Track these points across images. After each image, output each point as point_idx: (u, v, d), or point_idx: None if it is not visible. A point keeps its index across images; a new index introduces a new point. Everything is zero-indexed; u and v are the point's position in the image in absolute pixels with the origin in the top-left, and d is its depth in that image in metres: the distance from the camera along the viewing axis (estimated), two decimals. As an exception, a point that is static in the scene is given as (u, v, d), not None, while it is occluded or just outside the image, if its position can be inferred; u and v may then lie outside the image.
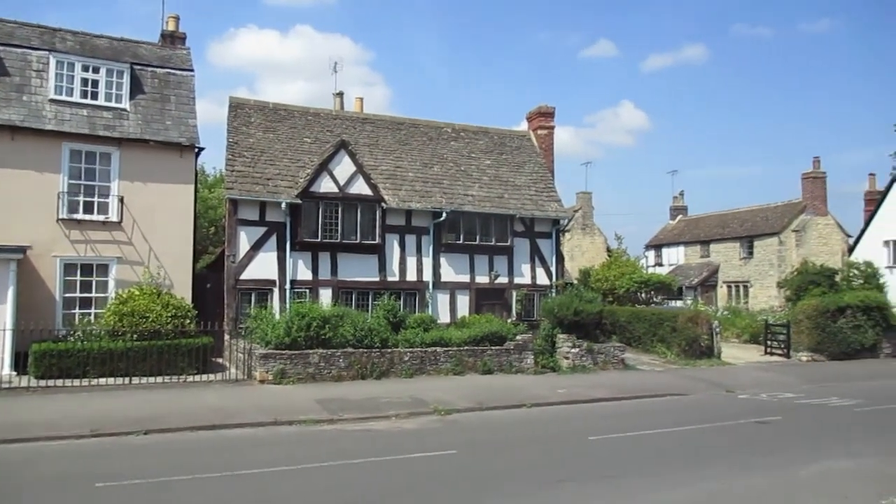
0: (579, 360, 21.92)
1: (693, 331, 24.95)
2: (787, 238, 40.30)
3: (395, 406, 15.15)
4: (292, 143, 24.06)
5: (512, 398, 16.66)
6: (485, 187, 25.92)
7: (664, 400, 17.71)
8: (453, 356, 19.89)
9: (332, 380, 18.16)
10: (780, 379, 21.33)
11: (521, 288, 25.57)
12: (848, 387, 19.89)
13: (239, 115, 24.21)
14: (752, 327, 32.00)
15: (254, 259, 21.67)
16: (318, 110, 26.63)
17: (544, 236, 26.35)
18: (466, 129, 28.89)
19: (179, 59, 22.87)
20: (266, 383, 17.45)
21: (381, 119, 27.64)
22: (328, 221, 22.42)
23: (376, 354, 18.94)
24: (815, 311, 26.61)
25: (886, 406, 16.65)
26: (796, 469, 10.57)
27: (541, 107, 29.47)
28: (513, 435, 13.24)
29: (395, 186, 24.10)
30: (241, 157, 22.60)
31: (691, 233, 48.86)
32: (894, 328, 28.24)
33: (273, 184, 22.17)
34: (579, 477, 10.04)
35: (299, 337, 18.20)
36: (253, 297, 21.62)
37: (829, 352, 26.41)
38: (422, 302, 23.94)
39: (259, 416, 13.86)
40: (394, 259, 23.64)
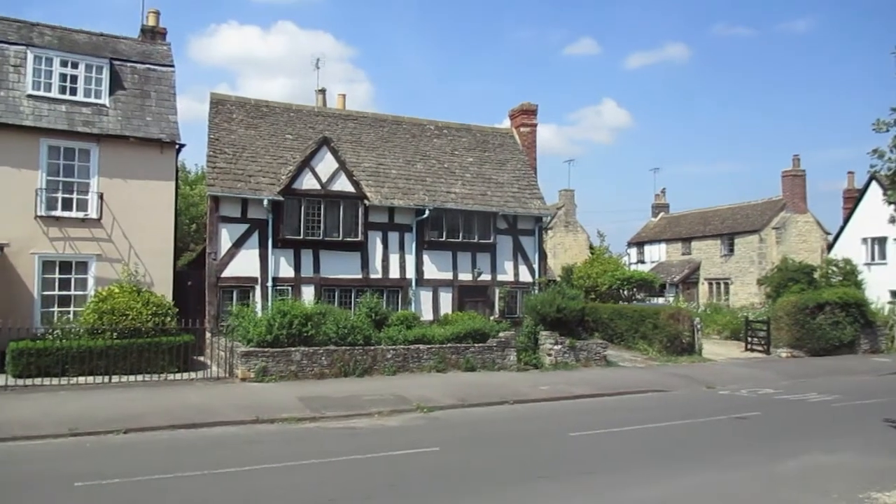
0: (562, 357, 22.00)
1: (674, 328, 25.11)
2: (768, 235, 40.66)
3: (377, 403, 15.13)
4: (274, 140, 23.93)
5: (494, 395, 16.70)
6: (467, 185, 25.93)
7: (645, 396, 17.81)
8: (436, 353, 19.89)
9: (315, 377, 18.10)
10: (760, 375, 21.53)
11: (503, 285, 25.62)
12: (827, 382, 20.11)
13: (220, 111, 24.04)
14: (733, 324, 32.26)
15: (235, 256, 21.56)
16: (300, 107, 26.50)
17: (527, 233, 26.41)
18: (449, 126, 28.88)
19: (160, 55, 22.67)
20: (248, 381, 17.36)
21: (363, 116, 27.57)
22: (310, 218, 22.34)
23: (359, 352, 18.90)
24: (794, 308, 26.87)
25: (864, 401, 16.85)
26: (775, 464, 10.68)
27: (523, 104, 29.49)
28: (495, 432, 13.26)
29: (378, 183, 24.05)
30: (222, 153, 22.45)
31: (673, 230, 49.17)
32: (872, 324, 28.61)
33: (255, 181, 22.05)
34: (559, 473, 10.08)
35: (281, 335, 18.12)
36: (235, 294, 21.51)
37: (809, 348, 26.68)
38: (405, 299, 23.92)
39: (240, 414, 13.79)
40: (376, 256, 23.59)
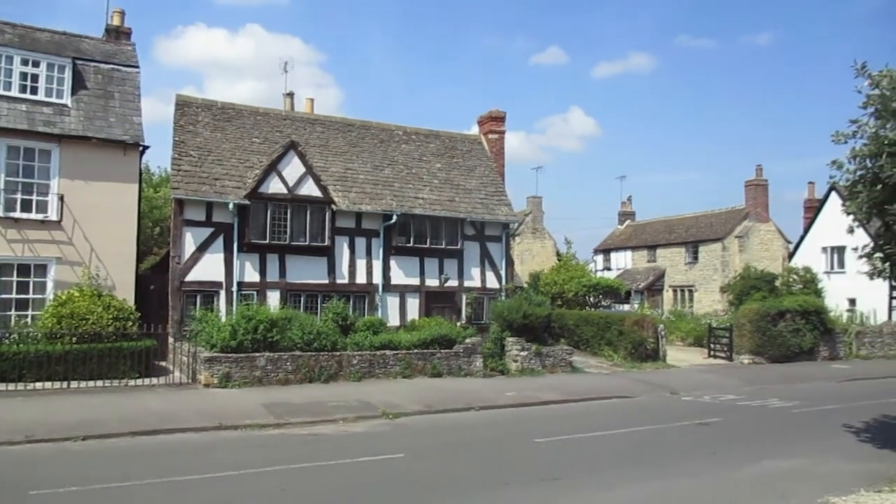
0: (528, 363, 22.06)
1: (639, 334, 25.34)
2: (731, 244, 41.30)
3: (342, 410, 15.02)
4: (241, 143, 23.70)
5: (460, 401, 16.68)
6: (435, 190, 25.93)
7: (610, 402, 17.94)
8: (402, 359, 19.81)
9: (279, 383, 17.90)
10: (723, 381, 21.80)
11: (470, 291, 25.65)
12: (787, 388, 20.44)
13: (186, 113, 23.74)
14: (697, 331, 32.66)
15: (200, 260, 21.27)
16: (267, 110, 26.29)
17: (494, 240, 26.48)
18: (418, 132, 28.87)
19: (124, 55, 22.34)
20: (211, 387, 17.11)
21: (331, 120, 27.43)
22: (277, 223, 22.14)
23: (325, 358, 18.74)
24: (756, 315, 27.28)
25: (822, 407, 17.15)
26: (736, 469, 10.83)
27: (492, 111, 29.61)
28: (460, 438, 13.25)
29: (346, 188, 23.94)
30: (187, 156, 22.17)
31: (639, 238, 49.72)
32: (831, 332, 29.16)
33: (220, 184, 21.80)
34: (524, 479, 10.09)
35: (246, 340, 17.90)
36: (198, 299, 21.21)
37: (770, 355, 27.10)
38: (371, 305, 23.81)
39: (203, 420, 13.58)
40: (343, 261, 23.46)
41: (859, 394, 19.52)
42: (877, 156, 11.21)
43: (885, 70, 11.15)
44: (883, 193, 11.29)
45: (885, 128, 11.19)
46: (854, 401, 18.07)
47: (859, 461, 11.51)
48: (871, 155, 11.42)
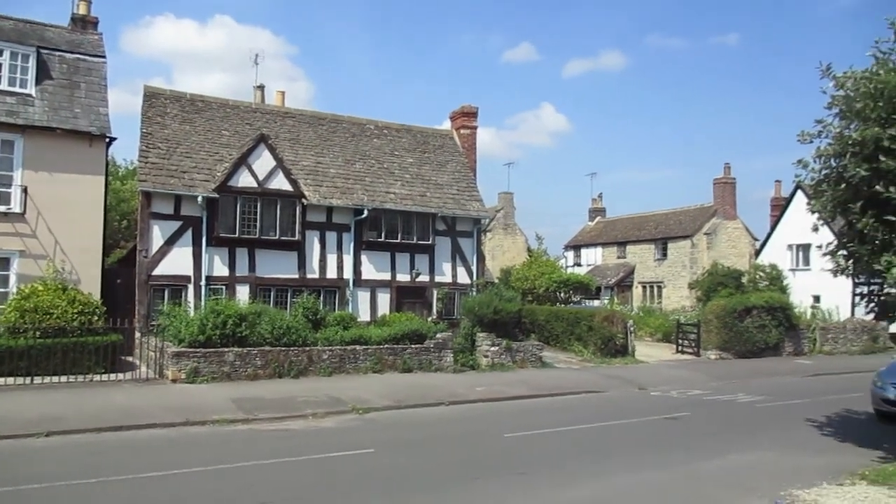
0: (498, 359, 22.13)
1: (609, 330, 25.54)
2: (699, 241, 41.80)
3: (312, 405, 14.94)
4: (210, 136, 23.42)
5: (431, 396, 16.68)
6: (407, 185, 25.88)
7: (579, 397, 18.06)
8: (373, 354, 19.76)
9: (249, 378, 17.75)
10: (690, 376, 22.07)
11: (442, 286, 25.66)
12: (753, 383, 20.76)
13: (154, 104, 23.40)
14: (665, 326, 32.99)
15: (168, 254, 21.01)
16: (237, 103, 26.02)
17: (466, 235, 26.51)
18: (389, 126, 28.77)
19: (91, 45, 21.94)
20: (179, 382, 16.92)
21: (302, 114, 27.23)
22: (246, 217, 21.94)
23: (294, 353, 18.62)
24: (723, 311, 27.64)
25: (787, 402, 17.45)
26: (704, 463, 10.97)
27: (464, 107, 29.60)
28: (430, 433, 13.25)
29: (317, 182, 23.79)
30: (155, 148, 21.86)
31: (609, 234, 50.10)
32: (796, 328, 29.67)
33: (189, 177, 21.54)
34: (493, 474, 10.13)
35: (214, 335, 17.72)
36: (166, 293, 20.96)
37: (736, 350, 27.49)
38: (342, 300, 23.71)
39: (170, 416, 13.42)
40: (314, 256, 23.32)
41: (823, 389, 19.87)
42: (841, 155, 11.41)
43: (850, 71, 11.35)
44: (846, 192, 11.49)
45: (849, 128, 11.38)
46: (818, 395, 18.40)
47: (822, 454, 11.73)
48: (835, 154, 11.63)
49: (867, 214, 11.02)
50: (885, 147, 10.40)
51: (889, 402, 14.65)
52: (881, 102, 10.66)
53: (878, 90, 10.61)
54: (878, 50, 11.13)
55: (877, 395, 15.01)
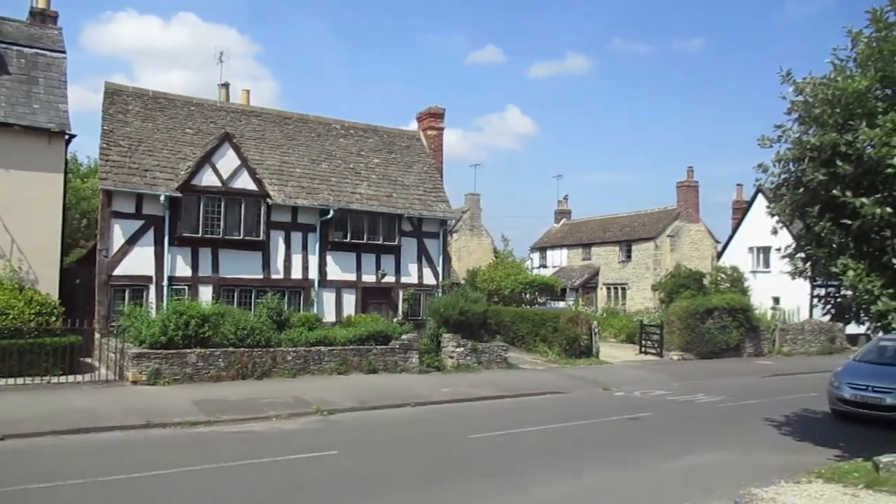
0: (464, 360, 22.16)
1: (573, 331, 25.72)
2: (663, 243, 42.33)
3: (276, 406, 14.80)
4: (173, 134, 23.08)
5: (396, 397, 16.64)
6: (373, 186, 25.79)
7: (544, 398, 18.16)
8: (338, 355, 19.65)
9: (211, 380, 17.53)
10: (653, 377, 22.32)
11: (407, 287, 25.62)
12: (714, 384, 21.06)
13: (115, 101, 22.98)
14: (629, 328, 33.34)
15: (129, 254, 20.66)
16: (201, 101, 25.68)
17: (432, 236, 26.50)
18: (356, 126, 28.65)
19: (50, 40, 21.48)
20: (139, 384, 16.63)
21: (267, 113, 26.98)
22: (210, 216, 21.67)
23: (258, 354, 18.44)
24: (685, 313, 28.03)
25: (746, 402, 17.74)
26: (665, 462, 11.11)
27: (431, 108, 29.60)
28: (395, 434, 13.21)
29: (282, 182, 23.59)
30: (116, 146, 21.48)
31: (574, 236, 50.48)
32: (756, 329, 30.22)
33: (151, 175, 21.20)
34: (457, 475, 10.14)
35: (176, 336, 17.46)
36: (127, 293, 20.60)
37: (698, 351, 27.89)
38: (307, 300, 23.54)
39: (130, 418, 13.18)
40: (278, 256, 23.12)
41: (781, 389, 20.25)
42: (799, 160, 11.64)
43: (809, 77, 11.58)
44: (805, 196, 11.73)
45: (807, 133, 11.62)
46: (776, 395, 18.75)
47: (781, 453, 11.95)
48: (794, 159, 11.86)
49: (824, 218, 11.26)
50: (842, 152, 10.63)
51: (845, 402, 15.02)
52: (838, 108, 10.89)
53: (836, 96, 10.84)
54: (835, 57, 11.38)
55: (833, 395, 15.38)
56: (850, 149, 10.53)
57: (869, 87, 10.57)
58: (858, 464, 10.58)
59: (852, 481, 9.64)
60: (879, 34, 10.78)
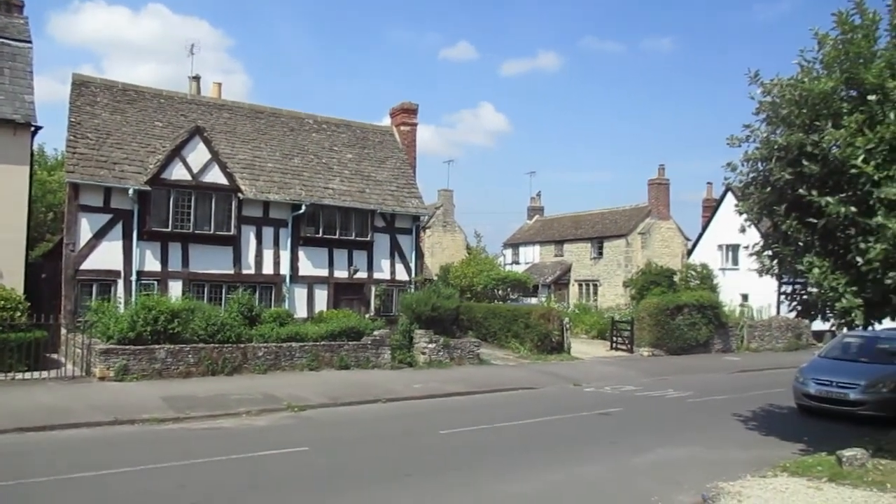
0: (436, 356, 22.18)
1: (545, 327, 25.86)
2: (634, 240, 42.68)
3: (246, 403, 14.69)
4: (142, 127, 22.77)
5: (367, 393, 16.61)
6: (346, 181, 25.67)
7: (515, 393, 18.24)
8: (309, 351, 19.56)
9: (181, 376, 17.36)
10: (624, 373, 22.53)
11: (380, 283, 25.56)
12: (683, 379, 21.32)
13: (83, 93, 22.61)
14: (600, 324, 33.58)
15: (96, 248, 20.36)
16: (171, 93, 25.35)
17: (404, 232, 26.45)
18: (329, 121, 28.49)
19: (15, 29, 21.07)
20: (107, 380, 16.41)
21: (239, 106, 26.72)
22: (180, 210, 21.42)
23: (229, 350, 18.29)
24: (655, 309, 28.30)
25: (715, 397, 17.97)
26: (634, 457, 11.21)
27: (404, 103, 29.53)
28: (366, 430, 13.18)
29: (253, 176, 23.39)
30: (84, 138, 21.13)
31: (546, 233, 50.71)
32: (725, 325, 30.61)
33: (120, 168, 20.90)
34: (428, 471, 10.15)
35: (145, 331, 17.26)
36: (95, 288, 20.31)
37: (668, 347, 28.19)
38: (278, 296, 23.39)
39: (97, 415, 13.02)
40: (250, 251, 22.93)
41: (749, 384, 20.55)
42: (767, 159, 11.79)
43: (776, 78, 11.73)
44: (772, 195, 11.89)
45: (775, 133, 11.76)
46: (744, 391, 19.02)
47: (747, 448, 12.11)
48: (762, 158, 12.01)
49: (791, 216, 11.43)
50: (808, 152, 10.79)
51: (810, 397, 15.29)
52: (805, 109, 11.05)
53: (803, 97, 11.00)
54: (802, 59, 11.53)
55: (799, 391, 15.64)
56: (815, 149, 10.69)
57: (834, 88, 10.73)
58: (822, 458, 10.77)
59: (816, 475, 9.82)
60: (845, 36, 10.94)
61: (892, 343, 16.02)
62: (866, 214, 9.96)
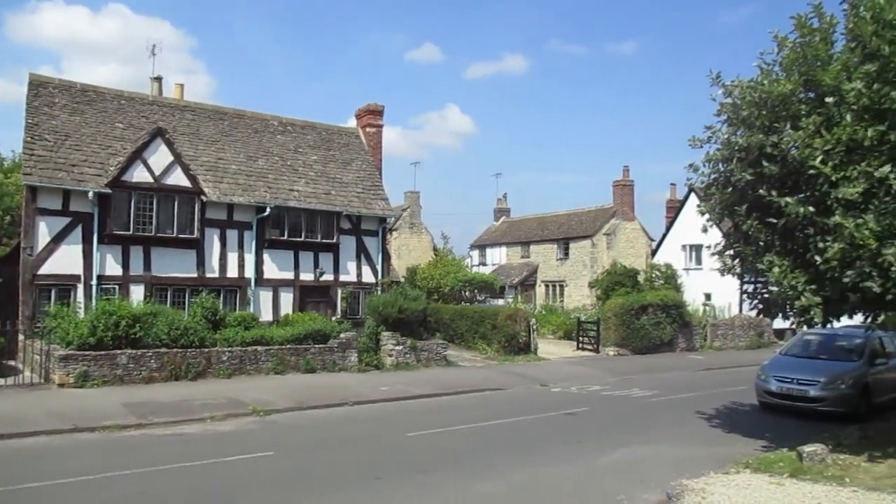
0: (403, 358, 22.11)
1: (512, 328, 25.93)
2: (599, 241, 43.05)
3: (210, 408, 14.49)
4: (102, 128, 22.34)
5: (334, 397, 16.49)
6: (311, 183, 25.48)
7: (482, 395, 18.25)
8: (275, 355, 19.36)
9: (143, 382, 17.06)
10: (590, 372, 22.68)
11: (346, 286, 25.40)
12: (648, 379, 21.53)
13: (41, 94, 22.12)
14: (567, 324, 33.77)
15: (55, 252, 19.91)
16: (132, 94, 24.92)
17: (371, 234, 26.33)
18: (294, 123, 28.26)
19: (-31, 29, 20.54)
20: (66, 387, 16.07)
21: (202, 108, 26.36)
22: (141, 213, 21.05)
23: (192, 354, 18.02)
24: (621, 309, 28.55)
25: (679, 395, 18.18)
26: (600, 456, 11.29)
27: (370, 104, 29.41)
28: (332, 434, 13.09)
29: (217, 179, 23.09)
30: (42, 140, 20.67)
31: (513, 234, 50.93)
32: (689, 324, 31.00)
33: (79, 171, 20.48)
34: (395, 473, 10.09)
35: (106, 336, 16.93)
36: (53, 293, 19.86)
37: (633, 346, 28.46)
38: (243, 299, 23.12)
39: (56, 422, 12.73)
40: (213, 255, 22.63)
41: (712, 382, 20.83)
42: (728, 160, 11.98)
43: (737, 80, 11.92)
44: (733, 195, 12.08)
45: (735, 134, 11.96)
46: (707, 389, 19.27)
47: (711, 445, 12.28)
48: (723, 159, 12.20)
49: (751, 216, 11.62)
50: (768, 153, 10.99)
51: (772, 395, 15.55)
52: (765, 111, 11.25)
53: (763, 99, 11.19)
54: (762, 61, 11.75)
55: (761, 388, 15.90)
56: (775, 150, 10.88)
57: (793, 90, 10.94)
58: (784, 454, 10.97)
59: (778, 471, 9.98)
60: (803, 39, 11.17)
61: (850, 340, 16.36)
62: (824, 214, 10.16)
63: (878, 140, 9.88)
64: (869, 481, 9.42)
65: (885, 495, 8.81)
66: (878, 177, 9.66)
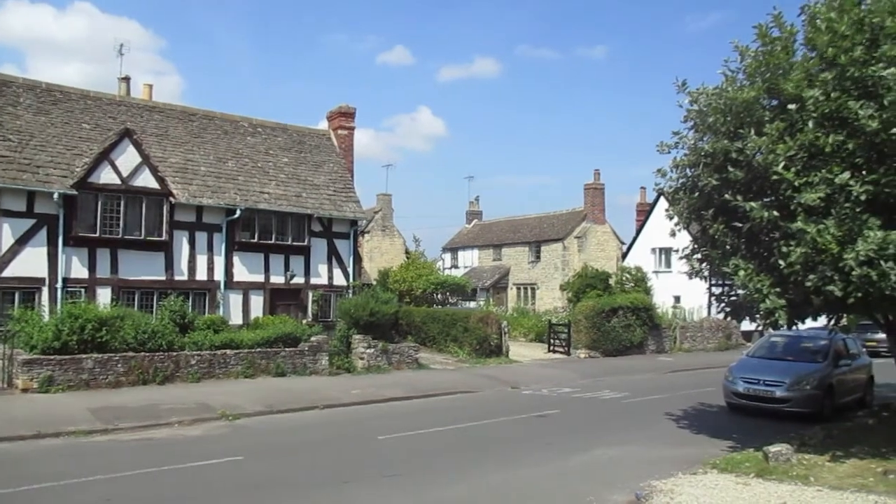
0: (374, 361, 22.06)
1: (483, 330, 25.99)
2: (571, 244, 43.31)
3: (178, 412, 14.34)
4: (68, 129, 21.99)
5: (304, 400, 16.41)
6: (282, 185, 25.32)
7: (454, 398, 18.28)
8: (245, 359, 19.21)
9: (110, 386, 16.83)
10: (561, 375, 22.81)
11: (317, 289, 25.28)
12: (618, 380, 21.72)
13: (4, 93, 21.70)
14: (538, 327, 33.92)
15: (19, 254, 19.54)
16: (99, 94, 24.54)
17: (342, 237, 26.24)
18: (264, 124, 28.05)
19: (-69, 27, 20.12)
20: (30, 392, 15.79)
21: (171, 108, 26.06)
22: (109, 215, 20.76)
23: (160, 358, 17.82)
24: (591, 312, 28.77)
25: (649, 397, 18.38)
26: (570, 458, 11.36)
27: (341, 106, 29.29)
28: (302, 438, 13.03)
29: (186, 181, 22.85)
30: (5, 140, 20.28)
31: (485, 237, 51.05)
32: (658, 327, 31.34)
33: (44, 172, 20.13)
34: (365, 477, 10.08)
35: (71, 340, 16.67)
36: (17, 296, 19.48)
37: (604, 349, 28.68)
38: (212, 302, 22.89)
39: (19, 428, 12.50)
40: (182, 257, 22.38)
41: (681, 384, 21.07)
42: (695, 165, 12.16)
43: (702, 87, 12.12)
44: (700, 200, 12.26)
45: (702, 140, 12.15)
46: (676, 391, 19.50)
47: (679, 446, 12.42)
48: (690, 164, 12.38)
49: (718, 221, 11.80)
50: (733, 159, 11.16)
51: (739, 396, 15.78)
52: (729, 117, 11.44)
53: (727, 106, 11.38)
54: (727, 69, 11.95)
55: (728, 389, 16.13)
56: (740, 155, 11.06)
57: (757, 97, 11.13)
58: (750, 454, 11.14)
59: (744, 471, 10.14)
60: (765, 48, 11.38)
61: (815, 342, 16.68)
62: (788, 219, 10.35)
63: (838, 147, 10.09)
64: (833, 480, 9.61)
65: (849, 494, 8.99)
66: (839, 183, 9.86)
